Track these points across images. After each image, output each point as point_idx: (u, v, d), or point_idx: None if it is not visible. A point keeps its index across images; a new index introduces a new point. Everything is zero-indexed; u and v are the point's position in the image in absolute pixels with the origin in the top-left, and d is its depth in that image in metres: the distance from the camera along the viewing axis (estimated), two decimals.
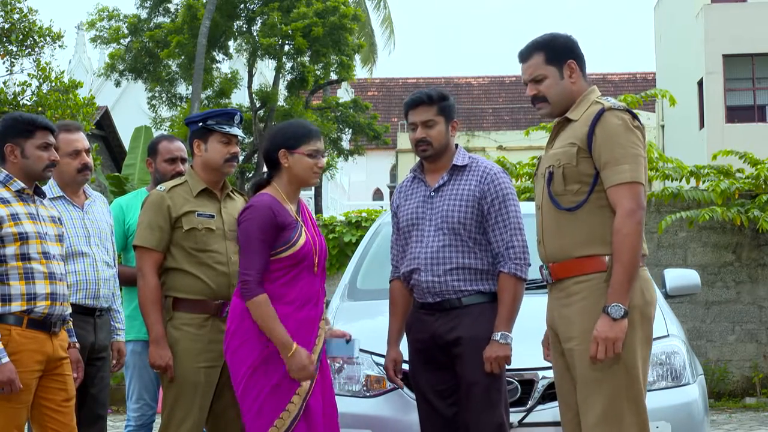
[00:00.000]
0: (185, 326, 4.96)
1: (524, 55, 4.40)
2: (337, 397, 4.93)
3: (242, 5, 28.45)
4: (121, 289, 5.90)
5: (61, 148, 5.16)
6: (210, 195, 5.13)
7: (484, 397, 4.73)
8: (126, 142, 18.15)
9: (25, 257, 4.60)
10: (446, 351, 4.82)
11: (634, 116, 4.20)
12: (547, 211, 4.31)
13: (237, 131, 5.13)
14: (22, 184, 4.73)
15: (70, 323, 4.91)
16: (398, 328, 5.05)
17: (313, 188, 33.04)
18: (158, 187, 5.17)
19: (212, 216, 5.07)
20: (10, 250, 4.58)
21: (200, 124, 5.11)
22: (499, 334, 4.71)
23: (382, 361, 5.19)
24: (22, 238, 4.60)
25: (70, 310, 4.83)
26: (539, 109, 4.39)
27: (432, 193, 4.94)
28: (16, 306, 4.56)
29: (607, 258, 4.12)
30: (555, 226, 4.26)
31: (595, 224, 4.15)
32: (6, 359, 4.45)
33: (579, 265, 4.18)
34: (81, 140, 5.41)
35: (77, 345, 5.00)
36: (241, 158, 26.21)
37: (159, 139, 6.15)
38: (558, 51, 4.34)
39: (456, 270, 4.81)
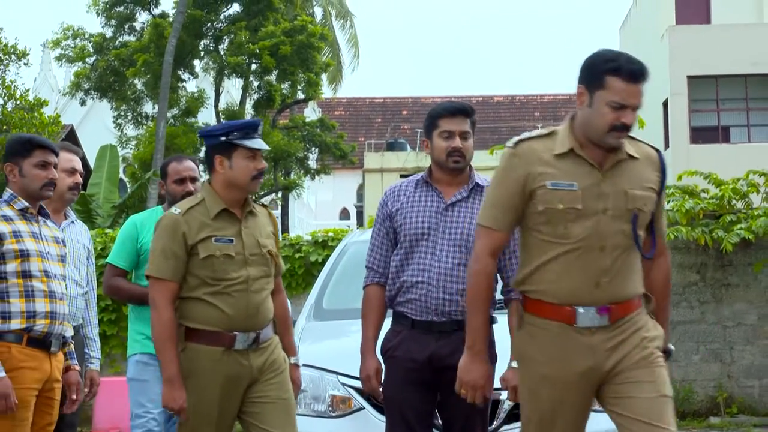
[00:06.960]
0: (200, 360, 4.52)
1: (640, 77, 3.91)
2: (302, 418, 4.88)
3: (209, 24, 28.44)
4: (125, 306, 5.85)
5: (59, 164, 5.33)
6: (229, 215, 4.63)
7: (482, 420, 4.69)
8: (91, 160, 18.04)
9: (26, 275, 4.60)
10: (440, 373, 4.62)
11: None
12: (620, 252, 4.03)
13: (263, 144, 4.65)
14: (26, 203, 4.76)
15: (71, 346, 4.89)
16: (374, 336, 4.78)
17: (280, 207, 32.97)
18: (172, 209, 4.66)
19: (231, 240, 4.58)
20: (11, 267, 4.59)
21: (222, 138, 4.60)
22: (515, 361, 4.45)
23: (347, 381, 5.16)
24: (23, 255, 4.61)
25: (71, 331, 4.83)
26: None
27: (446, 207, 4.75)
28: (16, 324, 4.55)
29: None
30: (625, 268, 4.06)
31: (638, 264, 4.12)
32: (2, 374, 4.43)
33: (633, 305, 4.07)
34: (78, 161, 5.66)
35: (77, 368, 4.97)
36: None
37: (169, 161, 5.96)
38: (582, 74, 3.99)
39: (464, 290, 4.59)
